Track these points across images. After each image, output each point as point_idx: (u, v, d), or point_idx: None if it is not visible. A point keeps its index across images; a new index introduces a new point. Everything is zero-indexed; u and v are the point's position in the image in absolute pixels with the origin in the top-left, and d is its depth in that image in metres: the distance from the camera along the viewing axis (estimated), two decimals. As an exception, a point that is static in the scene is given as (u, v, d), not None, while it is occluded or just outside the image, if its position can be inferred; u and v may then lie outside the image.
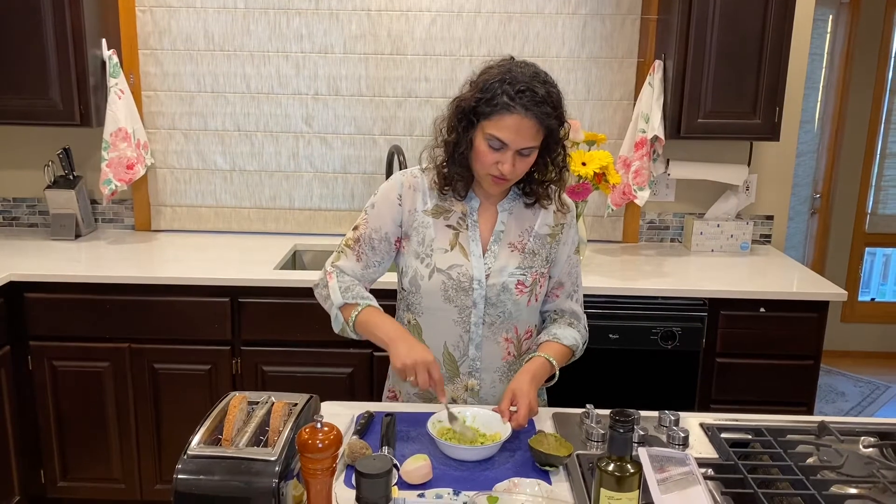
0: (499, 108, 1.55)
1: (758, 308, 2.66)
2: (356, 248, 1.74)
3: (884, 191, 4.76)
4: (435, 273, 1.68)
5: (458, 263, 1.68)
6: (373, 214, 1.73)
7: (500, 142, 1.56)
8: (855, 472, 1.45)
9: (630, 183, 2.95)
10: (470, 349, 1.72)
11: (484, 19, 3.11)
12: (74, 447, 2.80)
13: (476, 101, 1.58)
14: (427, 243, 1.70)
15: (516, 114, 1.54)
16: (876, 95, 4.59)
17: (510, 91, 1.54)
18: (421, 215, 1.71)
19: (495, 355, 1.73)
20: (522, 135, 1.55)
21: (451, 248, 1.69)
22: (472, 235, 1.70)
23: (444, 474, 1.43)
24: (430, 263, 1.69)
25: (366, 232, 1.73)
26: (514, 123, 1.54)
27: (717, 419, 1.67)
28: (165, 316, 2.68)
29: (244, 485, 1.14)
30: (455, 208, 1.71)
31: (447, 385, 1.73)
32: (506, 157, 1.57)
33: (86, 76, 2.85)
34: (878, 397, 4.37)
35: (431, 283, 1.68)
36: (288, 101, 3.19)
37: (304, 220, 3.31)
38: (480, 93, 1.58)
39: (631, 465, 1.13)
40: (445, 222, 1.71)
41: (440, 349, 1.72)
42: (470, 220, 1.71)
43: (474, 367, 1.73)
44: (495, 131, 1.56)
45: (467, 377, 1.73)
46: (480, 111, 1.57)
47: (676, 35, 2.80)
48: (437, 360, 1.67)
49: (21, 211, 3.31)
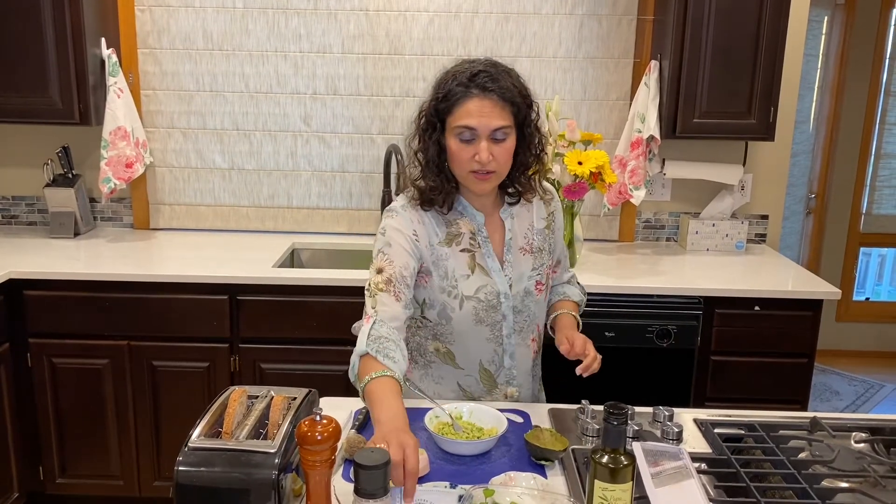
0: (457, 98, 1.53)
1: (752, 306, 2.68)
2: (392, 290, 1.57)
3: (878, 191, 4.78)
4: (464, 301, 1.65)
5: (482, 284, 1.66)
6: (394, 254, 1.60)
7: (469, 129, 1.53)
8: (846, 467, 1.47)
9: (626, 182, 2.97)
10: (505, 360, 1.72)
11: (481, 19, 3.12)
12: (73, 444, 2.81)
13: (435, 102, 1.57)
14: (451, 276, 1.65)
15: (475, 97, 1.52)
16: (871, 96, 4.61)
17: (464, 79, 1.54)
18: (437, 248, 1.65)
19: (526, 357, 1.76)
20: (487, 114, 1.52)
21: (473, 272, 1.66)
22: (486, 252, 1.67)
23: (441, 468, 1.44)
24: (457, 294, 1.65)
25: (395, 271, 1.59)
26: (475, 107, 1.52)
27: (710, 415, 1.69)
28: (164, 313, 2.69)
29: (244, 476, 1.16)
30: (463, 230, 1.67)
31: (486, 397, 1.74)
32: (480, 147, 1.53)
33: (85, 75, 2.87)
34: (871, 396, 4.39)
35: (463, 312, 1.66)
36: (286, 101, 3.21)
37: (302, 218, 3.32)
38: (437, 92, 1.57)
39: (625, 457, 1.15)
40: (459, 248, 1.66)
41: (475, 368, 1.72)
42: (480, 236, 1.68)
43: (511, 376, 1.74)
44: (460, 121, 1.53)
45: (505, 386, 1.75)
46: (442, 110, 1.56)
47: (672, 35, 2.82)
48: (473, 377, 1.73)
49: (20, 209, 3.32)
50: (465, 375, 1.73)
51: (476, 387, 1.74)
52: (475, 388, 1.74)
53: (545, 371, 1.92)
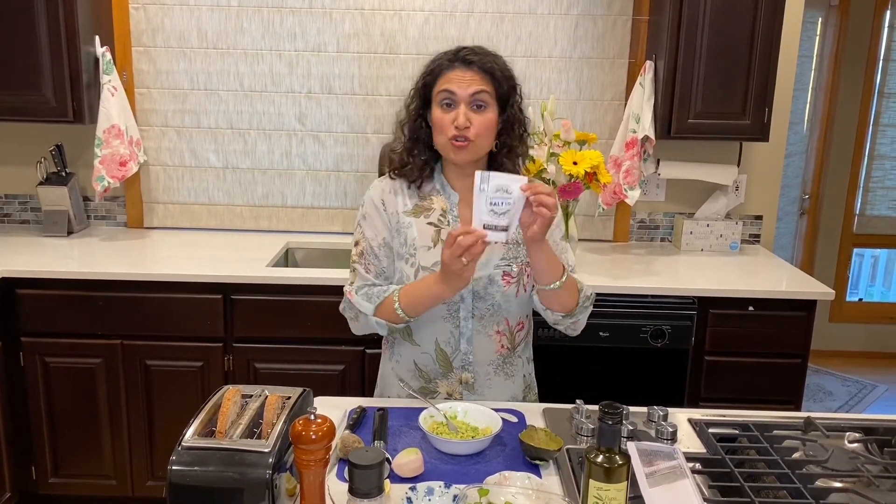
0: (442, 70, 1.66)
1: (746, 307, 2.68)
2: (363, 262, 1.74)
3: (872, 192, 4.80)
4: (420, 271, 1.69)
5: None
6: (366, 225, 1.74)
7: (449, 93, 1.63)
8: (840, 467, 1.47)
9: (621, 182, 2.97)
10: (461, 343, 1.73)
11: (476, 19, 3.12)
12: (66, 444, 2.79)
13: (424, 78, 1.69)
14: (409, 243, 1.71)
15: (458, 68, 1.64)
16: (864, 97, 4.63)
17: (449, 55, 1.67)
18: (402, 216, 1.72)
19: (488, 349, 1.75)
20: (467, 81, 1.63)
21: (434, 245, 1.70)
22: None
23: (435, 468, 1.44)
24: (414, 263, 1.70)
25: (366, 244, 1.74)
26: (456, 75, 1.64)
27: (705, 415, 1.69)
28: (157, 313, 2.69)
29: (238, 476, 1.15)
30: (435, 206, 1.73)
31: (442, 380, 1.75)
32: (459, 111, 1.62)
33: (79, 73, 2.85)
34: (864, 396, 4.41)
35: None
36: (281, 100, 3.20)
37: (297, 217, 3.32)
38: (426, 69, 1.69)
39: (619, 456, 1.15)
40: (426, 220, 1.72)
41: (432, 346, 1.74)
42: (451, 215, 1.72)
43: (466, 361, 1.74)
44: (441, 87, 1.64)
45: (461, 371, 1.75)
46: (427, 84, 1.68)
47: (667, 36, 2.82)
48: (430, 355, 1.73)
49: (13, 207, 3.30)
50: (422, 353, 1.75)
51: (432, 366, 1.75)
52: (431, 369, 1.75)
53: (540, 369, 1.92)
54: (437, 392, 1.77)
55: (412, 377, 1.78)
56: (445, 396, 1.76)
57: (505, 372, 1.78)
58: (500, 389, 1.78)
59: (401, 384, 1.77)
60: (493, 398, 1.77)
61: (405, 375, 1.78)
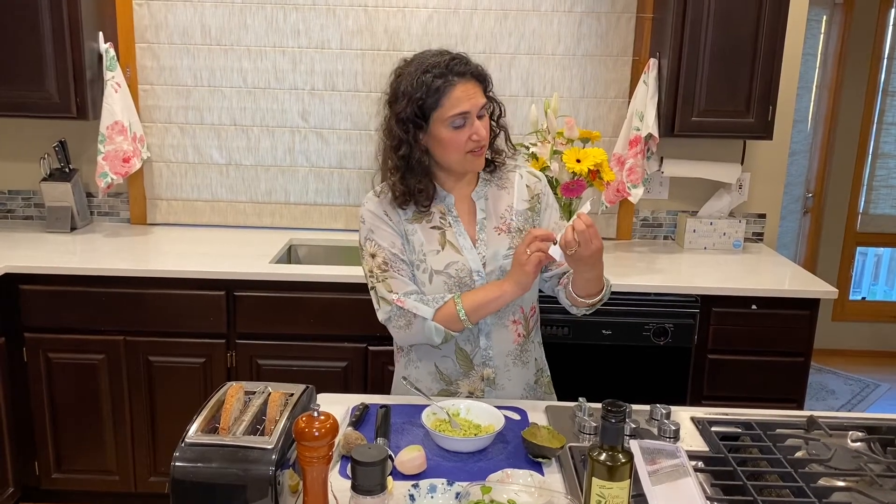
0: (443, 91, 1.60)
1: (749, 305, 2.68)
2: (391, 269, 1.69)
3: (875, 191, 4.79)
4: (434, 276, 1.69)
5: (453, 261, 1.70)
6: (379, 237, 1.70)
7: (462, 115, 1.61)
8: (843, 466, 1.47)
9: (624, 180, 2.96)
10: (480, 340, 1.74)
11: (480, 16, 3.12)
12: (69, 439, 2.80)
13: (416, 103, 1.61)
14: (418, 249, 1.71)
15: (458, 84, 1.61)
16: (868, 96, 4.62)
17: (438, 72, 1.61)
18: (406, 224, 1.72)
19: (506, 340, 1.76)
20: (473, 96, 1.62)
21: (443, 248, 1.70)
22: (457, 230, 1.72)
23: (438, 465, 1.44)
24: (426, 268, 1.70)
25: (386, 253, 1.69)
26: (462, 92, 1.61)
27: (707, 413, 1.69)
28: (160, 309, 2.69)
29: (241, 472, 1.16)
30: (433, 210, 1.73)
31: (463, 380, 1.75)
32: (474, 126, 1.63)
33: (82, 69, 2.86)
34: (867, 395, 4.40)
35: (434, 287, 1.69)
36: (284, 96, 3.20)
37: (300, 214, 3.32)
38: (414, 93, 1.61)
39: (622, 454, 1.15)
40: (429, 225, 1.72)
41: (451, 348, 1.74)
42: (451, 216, 1.73)
43: (487, 357, 1.75)
44: (453, 110, 1.61)
45: (482, 367, 1.75)
46: (427, 107, 1.62)
47: (671, 34, 2.82)
48: (449, 357, 1.74)
49: (16, 203, 3.31)
50: (443, 356, 1.75)
51: (453, 369, 1.75)
52: (452, 371, 1.75)
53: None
54: (458, 393, 1.76)
55: (432, 381, 1.77)
56: (467, 395, 1.76)
57: (522, 360, 1.79)
58: (518, 379, 1.80)
59: (403, 382, 1.77)
60: (511, 388, 1.78)
61: (425, 380, 1.77)
